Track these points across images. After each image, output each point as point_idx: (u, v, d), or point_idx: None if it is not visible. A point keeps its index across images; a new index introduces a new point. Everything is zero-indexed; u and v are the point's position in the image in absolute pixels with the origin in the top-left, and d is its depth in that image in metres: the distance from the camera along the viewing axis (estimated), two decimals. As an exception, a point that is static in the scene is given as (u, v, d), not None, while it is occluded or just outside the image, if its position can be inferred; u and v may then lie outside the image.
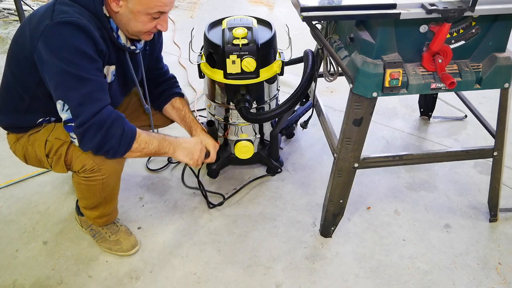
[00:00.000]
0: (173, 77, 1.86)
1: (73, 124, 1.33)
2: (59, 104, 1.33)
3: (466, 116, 2.45)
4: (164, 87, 1.81)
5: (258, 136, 2.03)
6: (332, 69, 1.62)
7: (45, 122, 1.54)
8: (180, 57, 3.11)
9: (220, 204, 1.94)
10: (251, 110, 1.82)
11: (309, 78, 1.69)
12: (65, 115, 1.33)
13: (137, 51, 1.55)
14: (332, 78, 1.57)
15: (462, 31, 1.38)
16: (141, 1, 1.34)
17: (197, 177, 1.99)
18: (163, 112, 1.84)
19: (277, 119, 1.94)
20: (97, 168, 1.47)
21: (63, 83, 1.31)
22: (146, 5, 1.35)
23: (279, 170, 2.10)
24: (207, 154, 1.69)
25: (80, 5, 1.34)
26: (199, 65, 1.86)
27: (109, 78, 1.47)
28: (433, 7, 1.23)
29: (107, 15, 1.38)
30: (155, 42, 1.69)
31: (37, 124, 1.53)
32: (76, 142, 1.37)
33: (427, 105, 2.41)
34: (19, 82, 1.45)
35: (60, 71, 1.29)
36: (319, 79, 1.81)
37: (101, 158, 1.46)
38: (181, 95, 1.84)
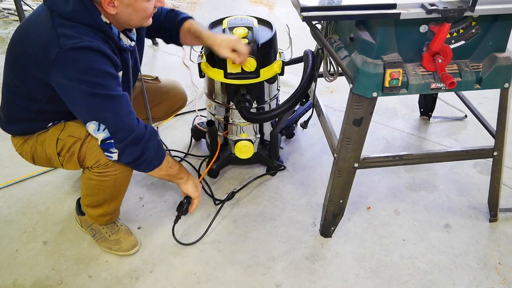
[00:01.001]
0: (172, 10, 1.76)
1: (112, 141, 1.38)
2: (93, 125, 1.35)
3: (466, 116, 2.45)
4: (168, 25, 1.73)
5: (258, 136, 2.03)
6: (332, 69, 1.62)
7: (54, 125, 1.54)
8: (184, 58, 3.10)
9: (228, 199, 1.94)
10: (251, 110, 1.82)
11: (309, 78, 1.69)
12: (102, 134, 1.37)
13: (134, 44, 1.54)
14: (332, 78, 1.57)
15: (462, 31, 1.38)
16: None
17: (198, 171, 1.98)
18: (184, 44, 1.78)
19: (277, 119, 1.94)
20: (112, 163, 1.48)
21: (94, 105, 1.33)
22: None
23: (283, 167, 2.10)
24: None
25: (80, 23, 1.31)
26: (199, 65, 1.86)
27: None
28: (433, 7, 1.23)
29: (108, 22, 1.37)
30: None
31: (47, 127, 1.53)
32: (114, 156, 1.41)
33: (427, 105, 2.41)
34: (27, 97, 1.45)
35: (88, 94, 1.31)
36: (319, 79, 1.81)
37: None
38: (186, 19, 1.72)
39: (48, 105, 1.45)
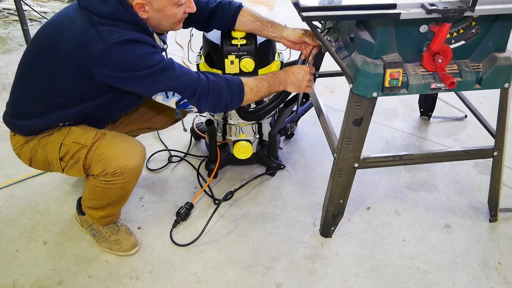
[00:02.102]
0: (220, 1, 1.73)
1: (185, 101, 1.44)
2: (160, 97, 1.42)
3: (466, 116, 2.45)
4: (221, 14, 1.71)
5: (257, 136, 2.03)
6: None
7: (63, 126, 1.53)
8: (184, 57, 3.11)
9: (226, 198, 1.94)
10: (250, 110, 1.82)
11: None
12: (173, 99, 1.43)
13: (167, 46, 1.58)
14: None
15: (462, 31, 1.38)
16: None
17: (197, 171, 1.97)
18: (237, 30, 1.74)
19: (275, 119, 1.93)
20: (120, 172, 1.48)
21: (151, 83, 1.38)
22: None
23: (283, 166, 2.10)
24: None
25: (119, 20, 1.34)
26: (197, 65, 1.86)
27: None
28: (433, 7, 1.23)
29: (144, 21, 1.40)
30: None
31: (56, 127, 1.53)
32: (194, 110, 1.49)
33: (427, 105, 2.41)
34: (55, 93, 1.44)
35: (141, 78, 1.36)
36: (318, 79, 1.80)
37: (124, 163, 1.47)
38: (240, 8, 1.72)
39: (80, 99, 1.45)
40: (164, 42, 1.58)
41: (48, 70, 1.41)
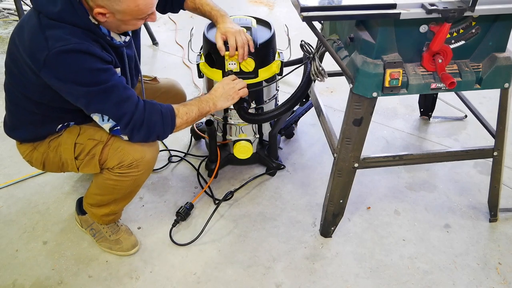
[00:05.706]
0: None
1: (119, 128, 1.40)
2: (96, 117, 1.39)
3: (466, 116, 2.45)
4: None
5: (257, 136, 2.03)
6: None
7: (64, 128, 1.54)
8: (184, 57, 3.11)
9: (226, 198, 1.94)
10: (250, 110, 1.82)
11: (308, 80, 1.69)
12: (108, 124, 1.40)
13: (129, 37, 1.52)
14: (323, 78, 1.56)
15: (462, 31, 1.38)
16: (130, 12, 1.31)
17: (197, 170, 1.97)
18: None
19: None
20: (136, 164, 1.48)
21: (92, 100, 1.35)
22: (136, 14, 1.33)
23: (283, 166, 2.11)
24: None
25: (68, 23, 1.30)
26: (198, 65, 1.86)
27: None
28: (433, 7, 1.23)
29: (96, 23, 1.36)
30: None
31: (56, 131, 1.53)
32: (125, 138, 1.45)
33: (427, 105, 2.41)
34: (29, 100, 1.44)
35: (83, 93, 1.33)
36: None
37: (140, 155, 1.48)
38: None
39: (51, 107, 1.45)
40: (126, 34, 1.51)
41: (18, 77, 1.41)
